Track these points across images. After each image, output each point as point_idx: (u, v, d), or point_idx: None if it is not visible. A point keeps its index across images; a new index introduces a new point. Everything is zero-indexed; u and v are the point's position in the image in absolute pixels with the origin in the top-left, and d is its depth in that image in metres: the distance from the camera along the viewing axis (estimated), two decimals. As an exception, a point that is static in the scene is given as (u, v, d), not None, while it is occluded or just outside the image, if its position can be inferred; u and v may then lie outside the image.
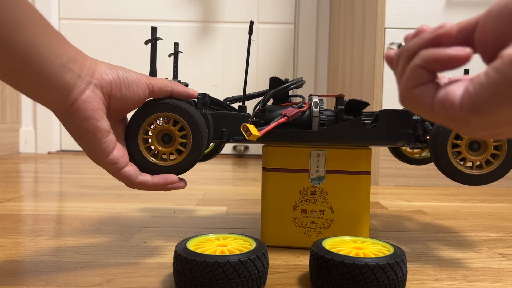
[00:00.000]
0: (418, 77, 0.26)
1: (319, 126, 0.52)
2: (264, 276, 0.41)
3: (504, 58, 0.22)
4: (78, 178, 1.12)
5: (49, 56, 0.36)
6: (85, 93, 0.39)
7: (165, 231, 0.62)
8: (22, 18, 0.34)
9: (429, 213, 0.79)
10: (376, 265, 0.38)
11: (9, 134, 1.66)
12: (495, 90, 0.22)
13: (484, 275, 0.48)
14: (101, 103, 0.40)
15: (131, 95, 0.42)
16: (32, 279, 0.44)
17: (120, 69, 0.42)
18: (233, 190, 0.99)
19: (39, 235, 0.59)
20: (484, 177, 0.49)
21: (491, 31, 0.26)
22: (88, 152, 0.42)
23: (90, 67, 0.40)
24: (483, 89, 0.23)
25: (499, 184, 1.06)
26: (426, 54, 0.26)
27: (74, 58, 0.38)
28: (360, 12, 1.27)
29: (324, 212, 0.54)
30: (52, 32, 0.37)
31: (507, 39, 0.25)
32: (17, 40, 0.34)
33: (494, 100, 0.22)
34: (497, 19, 0.25)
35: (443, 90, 0.25)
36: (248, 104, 0.54)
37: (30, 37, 0.35)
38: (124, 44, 1.73)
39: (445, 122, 0.26)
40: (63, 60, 0.37)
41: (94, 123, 0.40)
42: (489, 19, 0.26)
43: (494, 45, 0.26)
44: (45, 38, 0.36)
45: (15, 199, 0.83)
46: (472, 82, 0.24)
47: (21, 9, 0.34)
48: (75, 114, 0.39)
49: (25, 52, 0.35)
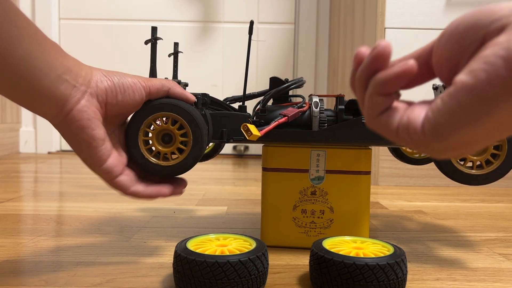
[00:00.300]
0: (378, 105, 0.27)
1: (319, 126, 0.52)
2: (264, 276, 0.41)
3: (457, 84, 0.23)
4: (78, 178, 1.12)
5: (44, 69, 0.37)
6: (80, 102, 0.39)
7: (165, 231, 0.62)
8: (18, 33, 0.35)
9: (429, 213, 0.79)
10: (376, 265, 0.38)
11: (9, 134, 1.66)
12: (452, 115, 0.23)
13: (484, 275, 0.48)
14: (96, 112, 0.41)
15: (127, 100, 0.42)
16: (32, 279, 0.44)
17: (115, 75, 0.42)
18: (233, 190, 0.99)
19: (39, 235, 0.59)
20: (485, 177, 0.49)
21: (445, 54, 0.26)
22: (84, 160, 0.42)
23: (85, 77, 0.40)
24: (441, 115, 0.24)
25: (499, 184, 1.06)
26: (376, 80, 0.27)
27: (69, 68, 0.39)
28: (360, 12, 1.27)
29: (324, 212, 0.54)
30: (47, 45, 0.38)
31: (458, 61, 0.26)
32: (12, 55, 0.35)
33: (452, 125, 0.23)
34: (449, 42, 0.26)
35: (406, 117, 0.26)
36: (248, 104, 0.54)
37: (25, 52, 0.35)
38: (124, 44, 1.73)
39: (410, 147, 0.27)
40: (58, 72, 0.38)
41: (89, 132, 0.40)
42: (441, 42, 0.27)
43: (448, 67, 0.27)
44: (41, 51, 0.37)
45: (15, 199, 0.83)
46: (431, 108, 0.25)
47: (17, 25, 0.35)
48: (70, 124, 0.39)
49: (20, 66, 0.35)
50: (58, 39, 1.72)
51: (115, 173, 0.43)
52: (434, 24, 1.10)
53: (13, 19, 0.35)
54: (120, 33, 1.73)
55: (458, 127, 0.23)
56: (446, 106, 0.24)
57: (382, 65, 0.27)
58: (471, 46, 0.25)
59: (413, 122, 0.25)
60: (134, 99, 0.43)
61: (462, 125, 0.23)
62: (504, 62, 0.21)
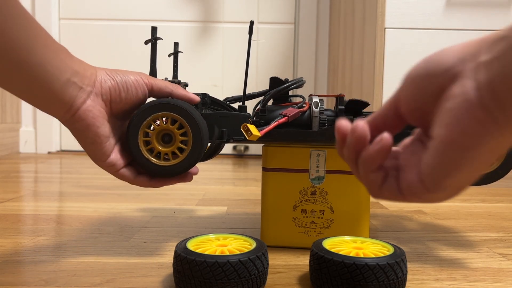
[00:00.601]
0: (375, 180, 0.29)
1: (319, 126, 0.52)
2: (264, 276, 0.41)
3: (437, 139, 0.25)
4: (78, 178, 1.12)
5: (55, 73, 0.39)
6: (86, 102, 0.42)
7: (165, 231, 0.62)
8: (33, 41, 0.37)
9: (429, 213, 0.79)
10: (376, 265, 0.38)
11: (9, 134, 1.66)
12: (445, 167, 0.25)
13: (484, 275, 0.48)
14: (101, 110, 0.43)
15: (131, 97, 0.45)
16: (32, 279, 0.44)
17: (118, 74, 0.44)
18: (233, 190, 0.99)
19: (39, 235, 0.59)
20: (485, 177, 0.49)
21: (411, 105, 0.28)
22: (89, 154, 0.45)
23: (90, 77, 0.42)
24: (436, 170, 0.26)
25: (499, 184, 1.06)
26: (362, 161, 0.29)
27: (77, 71, 0.41)
28: (360, 12, 1.27)
29: (324, 212, 0.54)
30: (57, 49, 0.40)
31: (426, 110, 0.27)
32: (28, 62, 0.37)
33: (448, 174, 0.25)
34: (411, 94, 0.27)
35: (404, 181, 0.28)
36: (248, 104, 0.54)
37: (39, 58, 0.38)
38: (124, 44, 1.73)
39: (419, 202, 0.29)
40: (67, 75, 0.40)
41: (94, 130, 0.43)
42: (404, 94, 0.28)
43: (419, 115, 0.28)
44: (52, 56, 0.39)
45: (15, 199, 0.83)
46: (425, 164, 0.26)
47: (32, 33, 0.37)
48: (77, 122, 0.42)
49: (35, 71, 0.38)
50: (58, 39, 1.72)
51: (118, 166, 0.46)
52: (434, 24, 1.10)
53: (29, 28, 0.37)
54: (120, 33, 1.73)
55: (454, 174, 0.25)
56: (436, 160, 0.25)
57: (363, 145, 0.28)
58: (432, 95, 0.26)
59: (412, 184, 0.27)
60: (138, 96, 0.45)
61: (458, 170, 0.25)
62: (467, 114, 0.23)
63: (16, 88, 0.39)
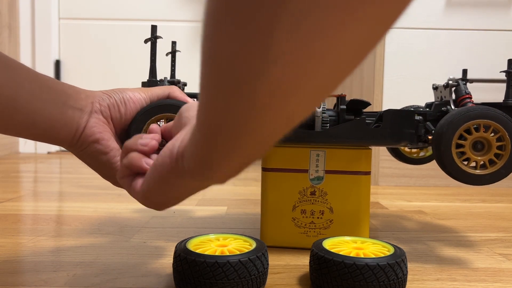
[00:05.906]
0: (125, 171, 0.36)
1: (321, 126, 0.52)
2: (264, 276, 0.41)
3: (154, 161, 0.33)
4: (78, 178, 1.12)
5: (50, 110, 0.40)
6: (89, 121, 0.42)
7: (165, 231, 0.62)
8: (23, 93, 0.38)
9: (429, 213, 0.79)
10: (377, 265, 0.38)
11: (9, 134, 1.66)
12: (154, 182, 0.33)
13: (484, 275, 0.48)
14: (105, 126, 0.43)
15: (130, 112, 0.45)
16: (32, 279, 0.43)
17: (115, 92, 0.45)
18: (233, 190, 0.99)
19: (39, 235, 0.59)
20: (488, 177, 0.49)
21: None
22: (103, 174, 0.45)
23: (86, 99, 0.43)
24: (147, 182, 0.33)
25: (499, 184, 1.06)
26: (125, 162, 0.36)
27: (69, 94, 0.42)
28: (360, 12, 1.27)
29: (324, 212, 0.54)
30: (49, 85, 0.40)
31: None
32: (19, 111, 0.38)
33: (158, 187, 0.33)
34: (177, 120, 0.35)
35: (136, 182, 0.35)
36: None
37: (32, 105, 0.39)
38: (124, 44, 1.72)
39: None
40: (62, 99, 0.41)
41: (104, 143, 0.43)
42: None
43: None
44: (46, 96, 0.40)
45: (15, 199, 0.83)
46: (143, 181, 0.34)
47: (21, 86, 0.38)
48: (85, 141, 0.42)
49: (30, 117, 0.39)
50: (58, 39, 1.72)
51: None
52: (434, 24, 1.10)
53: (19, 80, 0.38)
54: (120, 33, 1.73)
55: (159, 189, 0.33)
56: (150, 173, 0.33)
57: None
58: None
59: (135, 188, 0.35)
60: (137, 110, 0.45)
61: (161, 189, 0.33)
62: (169, 152, 0.31)
63: (14, 133, 0.40)
